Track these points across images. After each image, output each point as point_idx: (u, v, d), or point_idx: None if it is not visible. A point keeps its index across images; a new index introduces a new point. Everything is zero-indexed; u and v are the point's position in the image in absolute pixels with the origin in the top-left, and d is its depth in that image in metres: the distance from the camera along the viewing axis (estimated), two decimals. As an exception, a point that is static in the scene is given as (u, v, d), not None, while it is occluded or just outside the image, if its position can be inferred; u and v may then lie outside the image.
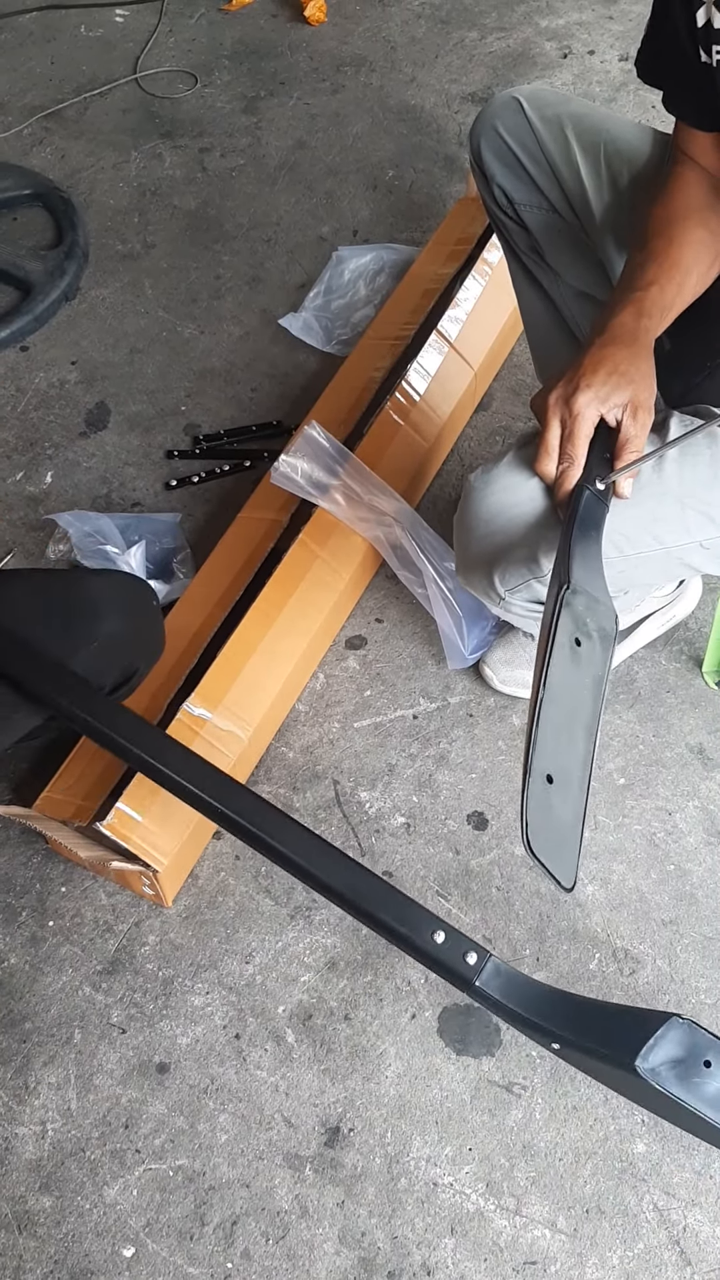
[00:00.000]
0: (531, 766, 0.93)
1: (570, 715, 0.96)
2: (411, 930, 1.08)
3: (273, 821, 1.12)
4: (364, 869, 1.10)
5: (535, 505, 1.20)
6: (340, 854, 1.11)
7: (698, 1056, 1.02)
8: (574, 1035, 1.06)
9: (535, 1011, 1.07)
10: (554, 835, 0.92)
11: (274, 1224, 1.28)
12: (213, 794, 1.14)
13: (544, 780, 0.94)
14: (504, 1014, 1.09)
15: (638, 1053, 1.01)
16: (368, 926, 1.09)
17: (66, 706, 1.18)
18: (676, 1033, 1.02)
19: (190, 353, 2.14)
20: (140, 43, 2.78)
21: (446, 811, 1.56)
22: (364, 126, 2.55)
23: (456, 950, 1.08)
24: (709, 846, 1.51)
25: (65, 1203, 1.30)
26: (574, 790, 0.94)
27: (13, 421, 2.04)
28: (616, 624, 1.04)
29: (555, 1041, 1.07)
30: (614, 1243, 1.25)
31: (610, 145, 1.35)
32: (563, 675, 0.98)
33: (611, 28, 2.73)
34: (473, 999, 1.08)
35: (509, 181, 1.42)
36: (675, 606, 1.67)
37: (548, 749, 0.94)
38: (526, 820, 0.92)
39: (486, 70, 2.66)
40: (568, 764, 0.95)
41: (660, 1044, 1.01)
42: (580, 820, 0.93)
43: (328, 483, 1.65)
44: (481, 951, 1.07)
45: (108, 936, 1.47)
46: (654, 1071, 1.00)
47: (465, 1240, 1.26)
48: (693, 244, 1.17)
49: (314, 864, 1.10)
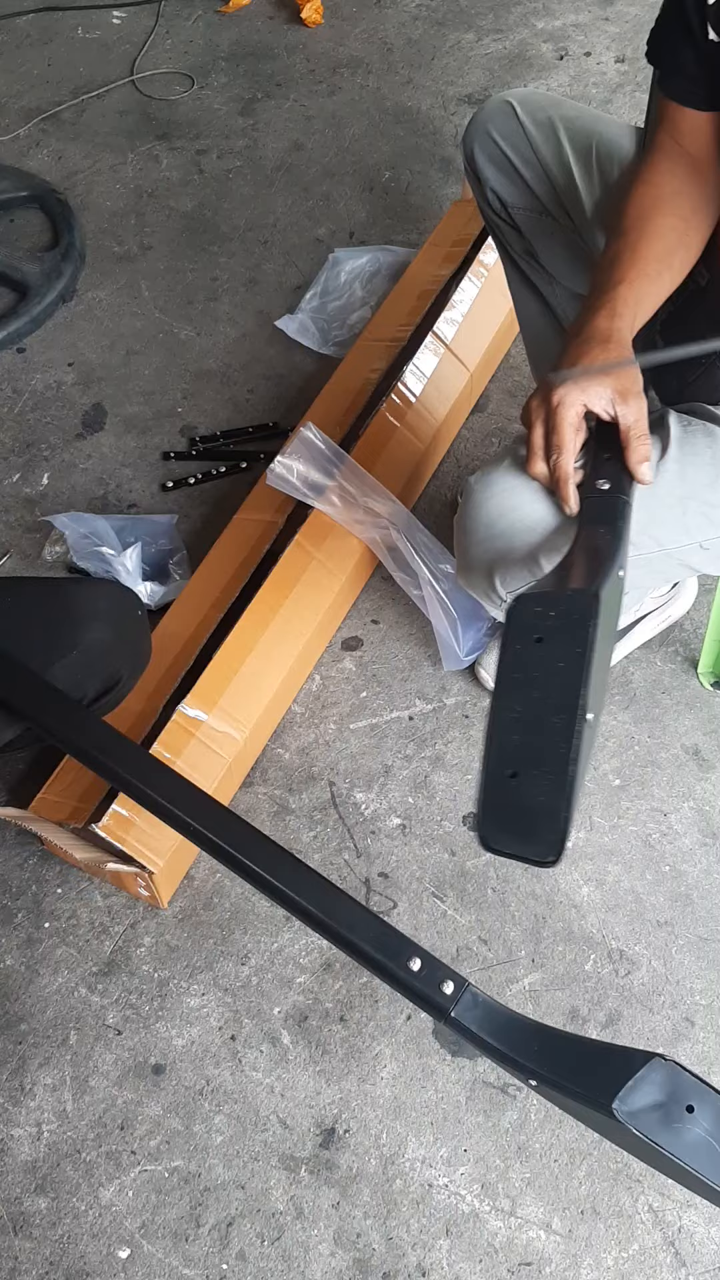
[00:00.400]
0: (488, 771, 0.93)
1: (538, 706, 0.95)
2: (388, 956, 1.04)
3: (245, 839, 1.09)
4: (339, 891, 1.07)
5: (536, 508, 1.20)
6: (316, 875, 1.08)
7: (680, 1101, 0.96)
8: (550, 1072, 1.01)
9: (511, 1045, 1.03)
10: (525, 822, 0.91)
11: (269, 1225, 1.28)
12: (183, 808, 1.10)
13: (505, 779, 0.93)
14: (479, 1046, 1.05)
15: (616, 1094, 0.95)
16: (342, 951, 1.07)
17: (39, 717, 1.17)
18: (658, 1074, 0.97)
19: (187, 354, 2.14)
20: (137, 45, 2.78)
21: (442, 813, 1.56)
22: (360, 128, 2.56)
23: (433, 978, 1.04)
24: (704, 847, 1.52)
25: (61, 1204, 1.30)
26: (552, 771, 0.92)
27: (9, 423, 2.05)
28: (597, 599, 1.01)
29: (531, 1078, 1.04)
30: (609, 1244, 1.25)
31: (602, 147, 1.35)
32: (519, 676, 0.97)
33: (608, 29, 2.73)
34: (449, 1029, 1.06)
35: (502, 184, 1.43)
36: (670, 607, 1.68)
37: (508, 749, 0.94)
38: (480, 822, 0.92)
39: (483, 72, 2.66)
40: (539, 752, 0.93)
41: (641, 1086, 0.96)
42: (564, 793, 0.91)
43: (324, 484, 1.65)
44: (459, 980, 1.04)
45: (103, 938, 1.47)
46: (633, 1115, 0.96)
47: (460, 1241, 1.26)
48: (663, 235, 1.16)
49: (287, 884, 1.06)
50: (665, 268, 1.16)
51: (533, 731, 0.94)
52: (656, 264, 1.15)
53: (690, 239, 1.18)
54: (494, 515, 1.22)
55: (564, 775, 0.91)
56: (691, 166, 1.20)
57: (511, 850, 0.91)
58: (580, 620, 0.98)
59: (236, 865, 1.09)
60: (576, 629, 0.98)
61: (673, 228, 1.17)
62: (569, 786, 0.91)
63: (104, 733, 1.16)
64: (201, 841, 1.10)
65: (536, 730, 0.94)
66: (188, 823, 1.10)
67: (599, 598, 0.99)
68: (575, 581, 1.03)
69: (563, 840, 0.89)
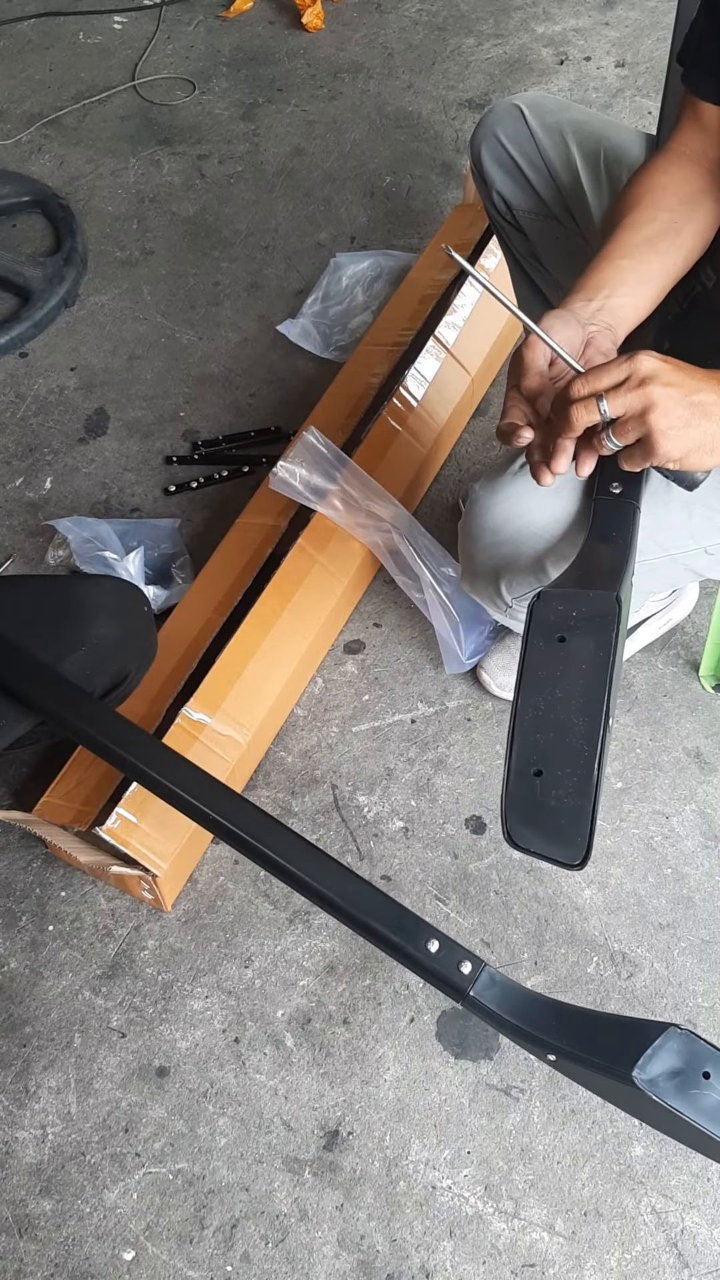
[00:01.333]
0: (512, 766, 0.94)
1: (561, 707, 0.96)
2: (405, 939, 1.07)
3: (263, 827, 1.11)
4: (357, 876, 1.09)
5: (541, 514, 1.20)
6: (333, 861, 1.10)
7: (696, 1068, 1.00)
8: (570, 1045, 1.04)
9: (530, 1022, 1.06)
10: (551, 822, 0.92)
11: (273, 1227, 1.28)
12: (202, 798, 1.12)
13: (530, 776, 0.94)
14: (498, 1024, 1.08)
15: (635, 1063, 0.99)
16: (361, 935, 1.09)
17: (55, 710, 1.18)
18: (675, 1043, 1.00)
19: (189, 359, 2.15)
20: (138, 50, 2.79)
21: (445, 816, 1.57)
22: (361, 133, 2.56)
23: (451, 959, 1.07)
24: (706, 850, 1.52)
25: (65, 1206, 1.30)
26: (577, 772, 0.94)
27: (12, 427, 2.05)
28: (619, 603, 1.01)
29: (551, 1052, 1.06)
30: (612, 1245, 1.26)
31: (610, 152, 1.36)
32: (543, 673, 0.98)
33: (608, 34, 2.74)
34: (466, 1009, 1.08)
35: (508, 188, 1.43)
36: (672, 610, 1.68)
37: (531, 746, 0.95)
38: (506, 817, 0.92)
39: (484, 77, 2.67)
40: (563, 751, 0.95)
41: (658, 1054, 1.00)
42: (590, 796, 0.93)
43: (326, 488, 1.66)
44: (476, 961, 1.06)
45: (107, 941, 1.48)
46: (651, 1083, 0.99)
47: (464, 1243, 1.27)
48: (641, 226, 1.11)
49: (305, 870, 1.09)
50: (649, 252, 1.11)
51: (556, 730, 0.95)
52: (634, 249, 1.10)
53: (682, 227, 1.13)
54: (500, 521, 1.22)
55: (589, 778, 0.93)
56: (691, 163, 1.17)
57: (538, 850, 0.93)
58: (604, 623, 0.99)
59: (255, 853, 1.10)
60: (600, 631, 0.99)
61: (654, 219, 1.12)
62: (594, 790, 0.92)
63: (121, 725, 1.17)
64: (220, 831, 1.11)
65: (560, 730, 0.95)
66: (205, 812, 1.11)
67: (620, 601, 1.00)
68: (593, 583, 1.04)
69: (589, 844, 0.91)
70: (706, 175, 1.16)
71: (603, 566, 1.06)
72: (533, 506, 1.20)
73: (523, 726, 0.96)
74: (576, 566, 1.08)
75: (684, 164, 1.17)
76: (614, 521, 1.11)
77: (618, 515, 1.11)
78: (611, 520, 1.11)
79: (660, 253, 1.11)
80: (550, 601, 1.01)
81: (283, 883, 1.12)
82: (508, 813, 0.93)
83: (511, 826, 0.93)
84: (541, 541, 1.21)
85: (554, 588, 1.04)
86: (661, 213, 1.13)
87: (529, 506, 1.20)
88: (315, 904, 1.11)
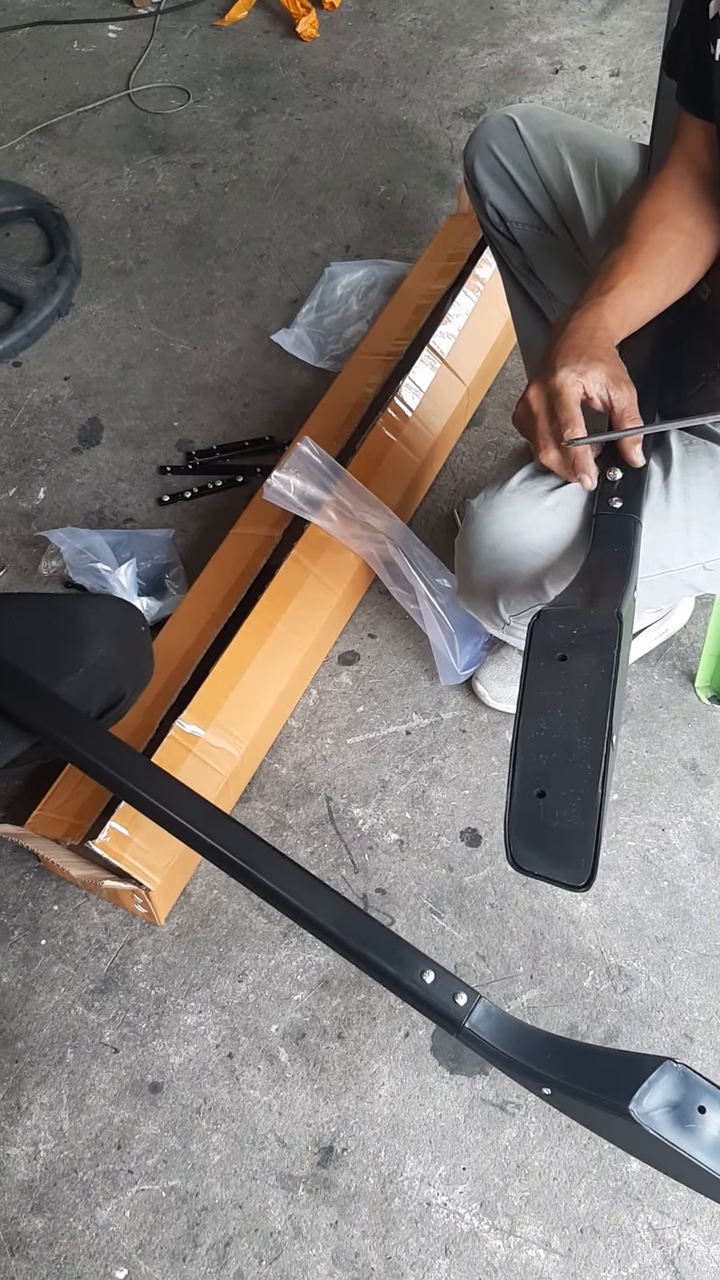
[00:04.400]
0: (515, 788, 0.93)
1: (564, 726, 0.96)
2: (400, 970, 1.06)
3: (261, 856, 1.10)
4: (352, 906, 1.08)
5: (540, 531, 1.19)
6: (328, 889, 1.09)
7: (692, 1102, 0.99)
8: (566, 1079, 1.04)
9: (525, 1054, 1.05)
10: (555, 843, 0.92)
11: (267, 1245, 1.27)
12: (197, 824, 1.11)
13: (533, 797, 0.93)
14: (493, 1057, 1.07)
15: (631, 1096, 0.99)
16: (355, 964, 1.08)
17: (52, 733, 1.17)
18: (670, 1077, 1.00)
19: (183, 368, 2.14)
20: (133, 58, 2.79)
21: (440, 828, 1.56)
22: (356, 142, 2.56)
23: (446, 991, 1.06)
24: (702, 863, 1.51)
25: (57, 1224, 1.29)
26: (580, 792, 0.93)
27: (5, 437, 2.04)
28: (620, 620, 1.01)
29: (546, 1085, 1.05)
30: (608, 1262, 1.25)
31: (604, 164, 1.35)
32: (545, 693, 0.97)
33: (602, 43, 2.74)
34: (461, 1041, 1.07)
35: (502, 199, 1.43)
36: (668, 621, 1.68)
37: (534, 767, 0.94)
38: (510, 841, 0.92)
39: (478, 86, 2.67)
40: (566, 771, 0.94)
41: (654, 1088, 0.99)
42: (594, 816, 0.92)
43: (320, 499, 1.65)
44: (471, 993, 1.05)
45: (100, 955, 1.47)
46: (648, 1116, 0.98)
47: (459, 1261, 1.26)
48: (663, 248, 1.16)
49: (300, 898, 1.08)
50: (663, 279, 1.16)
51: (559, 750, 0.95)
52: (653, 275, 1.15)
53: (694, 254, 1.18)
54: (498, 539, 1.21)
55: (593, 798, 0.92)
56: (701, 180, 1.19)
57: (542, 872, 0.92)
58: (605, 641, 0.99)
59: (252, 881, 1.10)
60: (602, 649, 0.98)
61: (674, 241, 1.17)
62: (598, 810, 0.92)
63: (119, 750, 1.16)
64: (216, 858, 1.11)
65: (563, 749, 0.95)
66: (204, 839, 1.11)
67: (622, 618, 0.99)
68: (594, 600, 1.03)
69: (594, 865, 0.90)
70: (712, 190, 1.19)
71: (604, 583, 1.06)
72: (531, 524, 1.19)
73: (525, 747, 0.95)
74: (578, 583, 1.07)
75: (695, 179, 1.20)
76: (615, 537, 1.10)
77: (619, 530, 1.10)
78: (613, 535, 1.11)
79: (674, 280, 1.17)
80: (551, 620, 1.01)
81: (277, 910, 1.11)
82: (511, 836, 0.92)
83: (515, 850, 0.92)
84: (539, 559, 1.20)
85: (554, 605, 1.03)
86: (681, 234, 1.17)
87: (527, 524, 1.19)
88: (310, 932, 1.10)
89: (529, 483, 1.20)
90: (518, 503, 1.20)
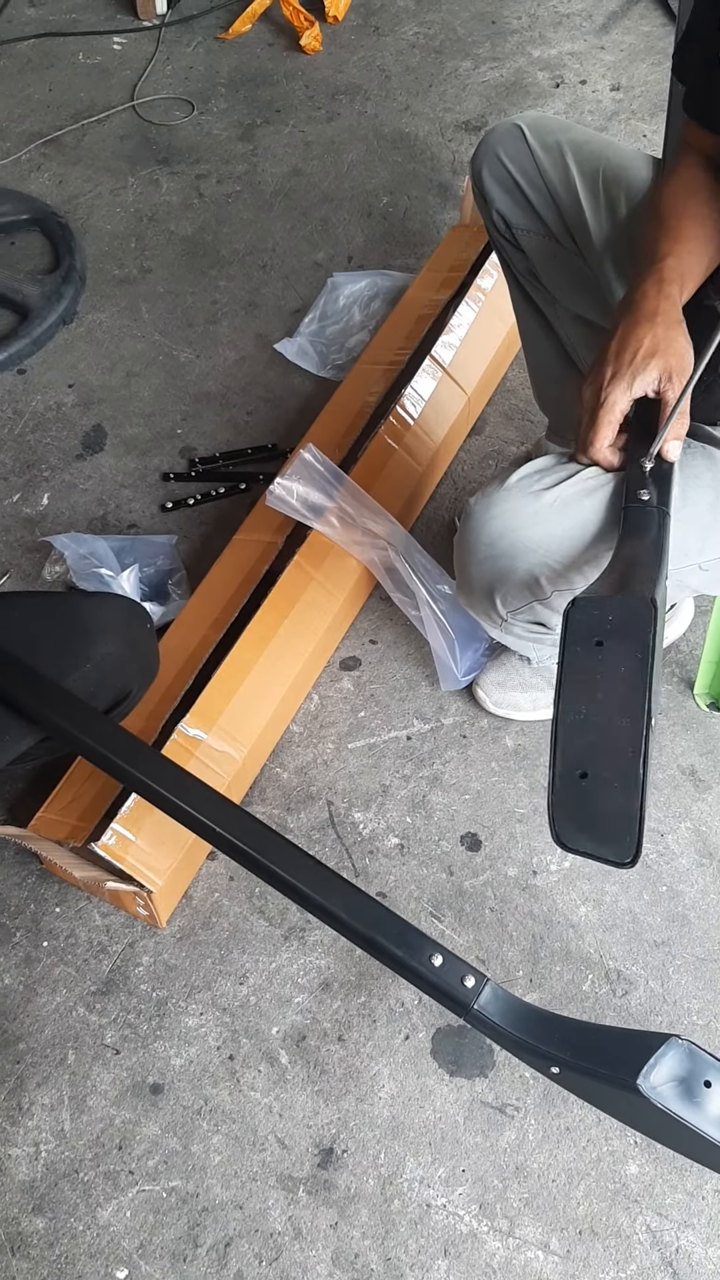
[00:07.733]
0: (557, 770, 0.95)
1: (603, 709, 0.97)
2: (409, 953, 1.08)
3: (268, 842, 1.12)
4: (360, 892, 1.10)
5: (537, 529, 1.21)
6: (337, 876, 1.11)
7: (698, 1076, 1.02)
8: (574, 1057, 1.06)
9: (533, 1035, 1.07)
10: (600, 822, 0.93)
11: (267, 1246, 1.28)
12: (207, 814, 1.14)
13: (576, 779, 0.95)
14: (501, 1038, 1.08)
15: (639, 1072, 1.01)
16: (364, 950, 1.09)
17: (61, 724, 1.18)
18: (676, 1053, 1.02)
19: (186, 376, 2.16)
20: (138, 70, 2.81)
21: (440, 833, 1.57)
22: (359, 154, 2.58)
23: (454, 974, 1.08)
24: (701, 868, 1.52)
25: (58, 1224, 1.30)
26: (623, 773, 0.95)
27: (10, 444, 2.06)
28: (653, 605, 1.04)
29: (555, 1064, 1.07)
30: (607, 1264, 1.25)
31: (610, 172, 1.37)
32: (583, 678, 0.99)
33: (603, 58, 2.77)
34: (469, 1024, 1.08)
35: (508, 206, 1.44)
36: (667, 628, 1.69)
37: (576, 750, 0.96)
38: (554, 820, 0.93)
39: (480, 99, 2.69)
40: (608, 752, 0.96)
41: (661, 1064, 1.01)
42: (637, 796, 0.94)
43: (323, 505, 1.67)
44: (479, 976, 1.07)
45: (102, 957, 1.48)
46: (656, 1090, 1.00)
47: (458, 1262, 1.26)
48: (702, 220, 1.21)
49: (309, 885, 1.10)
50: (707, 244, 1.21)
51: (600, 733, 0.97)
52: (696, 241, 1.20)
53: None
54: (495, 535, 1.23)
55: (635, 778, 0.94)
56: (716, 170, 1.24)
57: (588, 850, 0.94)
58: (640, 625, 1.01)
59: (260, 868, 1.11)
60: (637, 634, 1.00)
61: (709, 216, 1.21)
62: (641, 789, 0.93)
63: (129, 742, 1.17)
64: (227, 847, 1.13)
65: (604, 732, 0.97)
66: (212, 828, 1.13)
67: (655, 604, 1.01)
68: (626, 588, 1.05)
69: (638, 842, 0.92)
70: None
71: (635, 572, 1.08)
72: (528, 521, 1.21)
73: (566, 730, 0.97)
74: (609, 573, 1.09)
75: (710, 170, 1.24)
76: (644, 528, 1.13)
77: (647, 522, 1.13)
78: (642, 527, 1.13)
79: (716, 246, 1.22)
80: (585, 607, 1.03)
81: (287, 897, 1.12)
82: (556, 815, 0.94)
83: (561, 830, 0.94)
84: (536, 555, 1.21)
85: (588, 595, 1.05)
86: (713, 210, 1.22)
87: (524, 521, 1.21)
88: (318, 918, 1.12)
89: (527, 480, 1.22)
90: (515, 500, 1.22)
